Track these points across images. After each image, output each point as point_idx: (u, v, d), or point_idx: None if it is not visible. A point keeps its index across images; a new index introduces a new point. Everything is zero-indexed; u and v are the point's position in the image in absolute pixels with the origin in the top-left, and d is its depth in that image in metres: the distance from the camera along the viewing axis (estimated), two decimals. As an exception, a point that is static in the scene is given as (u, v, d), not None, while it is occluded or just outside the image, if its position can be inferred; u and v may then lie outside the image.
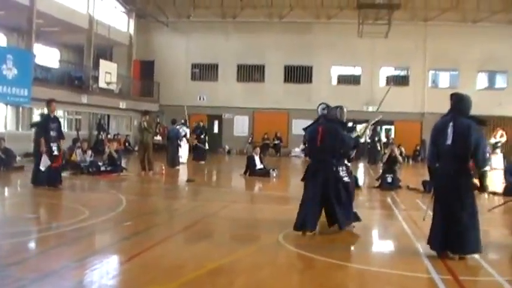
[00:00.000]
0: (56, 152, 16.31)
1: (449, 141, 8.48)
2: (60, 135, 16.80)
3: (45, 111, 17.54)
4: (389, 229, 11.77)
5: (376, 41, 38.78)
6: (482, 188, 8.63)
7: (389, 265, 8.32)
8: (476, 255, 8.54)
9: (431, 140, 8.96)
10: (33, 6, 29.99)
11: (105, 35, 38.05)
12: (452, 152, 8.47)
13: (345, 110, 10.95)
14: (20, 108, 29.87)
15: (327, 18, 40.71)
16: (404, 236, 10.55)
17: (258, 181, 21.07)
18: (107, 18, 39.00)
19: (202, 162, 29.42)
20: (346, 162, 10.77)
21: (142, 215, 12.51)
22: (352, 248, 9.91)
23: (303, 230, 10.05)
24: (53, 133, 16.35)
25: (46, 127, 16.38)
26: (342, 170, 10.46)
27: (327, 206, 10.24)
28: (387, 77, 41.69)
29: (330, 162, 10.22)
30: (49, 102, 16.70)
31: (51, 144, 16.24)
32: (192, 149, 30.40)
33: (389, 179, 18.84)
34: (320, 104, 10.78)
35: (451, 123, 8.50)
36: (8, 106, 28.87)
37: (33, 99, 27.96)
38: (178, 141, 26.73)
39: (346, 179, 10.52)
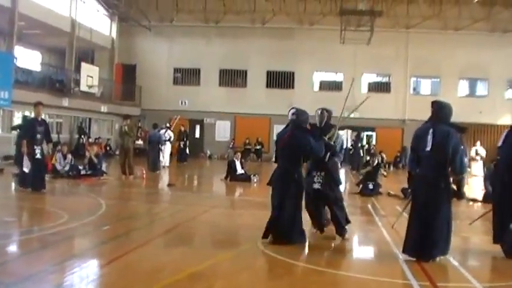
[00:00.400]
0: (38, 156, 16.07)
1: (428, 148, 8.56)
2: (48, 139, 16.57)
3: (32, 114, 17.44)
4: (369, 235, 11.78)
5: (358, 48, 38.94)
6: (460, 194, 8.75)
7: (368, 271, 8.33)
8: (455, 262, 8.62)
9: (411, 146, 9.04)
10: (15, 8, 29.85)
11: (87, 38, 37.91)
12: (431, 158, 8.55)
13: (325, 113, 10.93)
14: (0, 111, 29.66)
15: (310, 24, 40.83)
16: (383, 242, 10.59)
17: (239, 186, 21.06)
18: (89, 21, 38.86)
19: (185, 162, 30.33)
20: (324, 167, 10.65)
21: (122, 219, 12.48)
22: (331, 253, 9.93)
23: (262, 238, 9.90)
24: (39, 136, 16.13)
25: (31, 130, 16.15)
26: (317, 176, 10.50)
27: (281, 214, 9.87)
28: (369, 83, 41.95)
29: (291, 169, 10.00)
30: (35, 105, 16.46)
31: (35, 147, 16.02)
32: (177, 152, 31.83)
33: (370, 186, 18.91)
34: (290, 109, 10.63)
35: (431, 130, 8.60)
36: (-12, 109, 28.70)
37: (13, 102, 27.80)
38: (160, 146, 26.70)
39: (316, 186, 10.54)
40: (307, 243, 9.95)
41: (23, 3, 30.35)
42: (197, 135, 42.04)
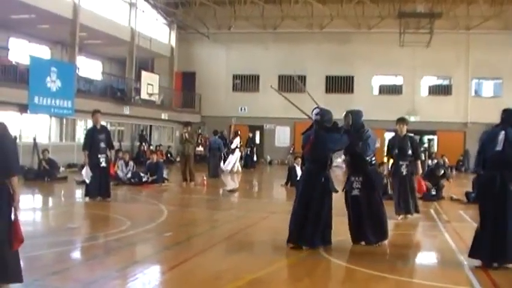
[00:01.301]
0: (103, 164, 15.96)
1: (499, 148, 8.36)
2: (110, 146, 16.48)
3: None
4: (432, 241, 11.59)
5: (417, 50, 38.55)
6: None
7: (431, 277, 8.18)
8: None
9: (480, 147, 8.75)
10: (76, 20, 30.44)
11: (147, 47, 38.45)
12: (501, 158, 8.34)
13: (349, 116, 10.48)
14: (64, 120, 30.24)
15: (368, 28, 40.46)
16: (447, 247, 10.38)
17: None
18: (149, 30, 39.41)
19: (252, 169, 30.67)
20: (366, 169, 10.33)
21: (182, 225, 12.56)
22: (394, 259, 9.79)
23: (288, 242, 9.72)
24: (102, 144, 15.99)
25: (92, 139, 16.05)
26: (355, 181, 10.27)
27: (306, 219, 9.63)
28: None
29: (316, 172, 9.83)
30: (93, 114, 16.44)
31: (99, 155, 15.91)
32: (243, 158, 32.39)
33: (433, 191, 18.53)
34: (314, 109, 10.49)
35: (502, 132, 8.38)
36: (52, 118, 29.23)
37: (76, 110, 28.42)
38: (220, 152, 26.89)
39: (355, 192, 10.26)
40: (369, 249, 9.83)
41: (84, 15, 30.94)
42: (257, 141, 42.12)
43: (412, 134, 14.97)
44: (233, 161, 29.24)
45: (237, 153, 29.60)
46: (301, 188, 9.96)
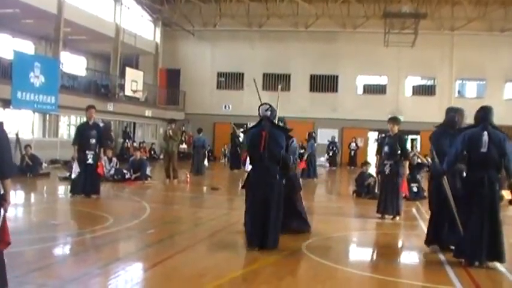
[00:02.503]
0: (90, 161, 15.69)
1: (484, 149, 8.41)
2: (101, 143, 16.24)
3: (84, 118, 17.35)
4: (413, 240, 11.63)
5: (402, 50, 38.72)
6: None
7: (412, 276, 8.26)
8: (502, 268, 8.46)
9: (460, 148, 8.72)
10: (61, 15, 30.32)
11: (132, 43, 38.37)
12: (487, 159, 8.39)
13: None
14: (47, 116, 30.11)
15: (353, 28, 40.56)
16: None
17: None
18: (134, 26, 39.32)
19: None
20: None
21: (166, 223, 12.56)
22: (376, 258, 9.83)
23: (248, 248, 9.51)
24: (93, 141, 15.76)
25: (82, 134, 15.88)
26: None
27: (265, 220, 9.43)
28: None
29: (273, 170, 9.57)
30: (87, 109, 16.20)
31: (87, 152, 15.70)
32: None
33: (414, 189, 18.56)
34: (262, 105, 10.28)
35: (485, 132, 8.42)
36: (35, 113, 29.11)
37: (60, 106, 28.32)
38: (206, 150, 26.92)
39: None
40: (352, 247, 9.87)
41: (69, 10, 30.81)
42: (241, 139, 42.00)
43: (406, 135, 14.95)
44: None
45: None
46: (256, 187, 9.63)
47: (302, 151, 26.24)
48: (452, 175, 9.03)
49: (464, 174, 8.78)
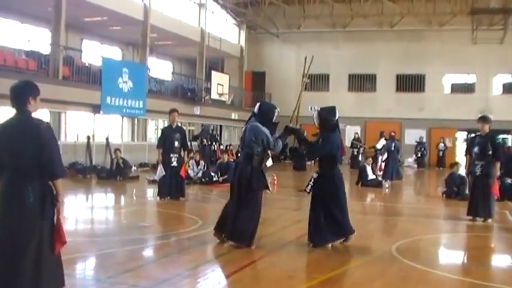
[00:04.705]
0: (174, 164, 15.82)
1: None
2: (184, 146, 16.31)
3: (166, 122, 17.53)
4: (507, 242, 11.26)
5: (490, 47, 37.68)
6: None
7: (506, 280, 7.95)
8: None
9: None
10: (147, 21, 30.95)
11: (217, 47, 38.75)
12: None
13: (315, 114, 10.61)
14: (135, 120, 30.69)
15: (439, 25, 39.78)
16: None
17: (370, 192, 20.74)
18: (218, 30, 39.71)
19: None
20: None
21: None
22: (468, 261, 9.55)
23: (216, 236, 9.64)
24: (176, 144, 15.87)
25: (166, 138, 15.97)
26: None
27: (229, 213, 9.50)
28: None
29: (244, 164, 9.56)
30: (170, 112, 16.27)
31: (172, 155, 15.82)
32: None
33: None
34: (259, 103, 10.37)
35: None
36: (124, 118, 29.69)
37: (147, 111, 28.79)
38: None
39: None
40: (442, 250, 9.62)
41: (155, 16, 31.42)
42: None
43: (500, 136, 14.47)
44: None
45: None
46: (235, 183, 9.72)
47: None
48: None
49: None
